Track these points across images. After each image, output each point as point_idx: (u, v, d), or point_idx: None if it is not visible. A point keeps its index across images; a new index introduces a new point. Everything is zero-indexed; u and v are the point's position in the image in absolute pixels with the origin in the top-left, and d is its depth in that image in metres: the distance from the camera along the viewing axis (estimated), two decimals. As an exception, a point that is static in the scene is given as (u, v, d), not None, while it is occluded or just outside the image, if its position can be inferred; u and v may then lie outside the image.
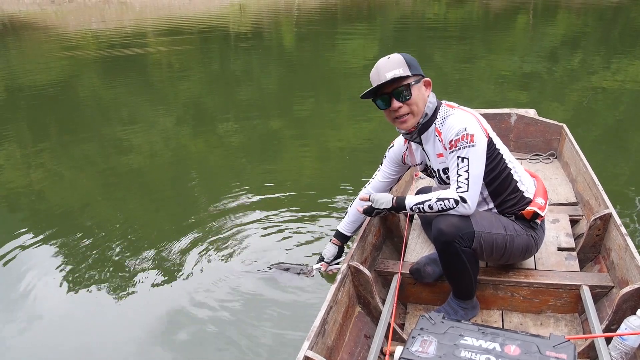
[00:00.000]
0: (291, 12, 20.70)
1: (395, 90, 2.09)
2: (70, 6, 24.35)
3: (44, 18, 20.93)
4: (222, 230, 3.79)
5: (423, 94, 2.14)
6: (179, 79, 9.88)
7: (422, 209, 2.12)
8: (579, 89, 7.58)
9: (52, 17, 21.35)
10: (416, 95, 2.11)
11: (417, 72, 2.11)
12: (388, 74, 2.07)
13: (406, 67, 2.08)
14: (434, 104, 2.17)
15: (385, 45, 13.06)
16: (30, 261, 3.55)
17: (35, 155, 5.78)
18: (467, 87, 8.02)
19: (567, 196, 3.21)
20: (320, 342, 1.95)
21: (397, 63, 2.08)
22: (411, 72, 2.09)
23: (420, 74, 2.13)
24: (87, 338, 2.79)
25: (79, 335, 2.82)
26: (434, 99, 2.18)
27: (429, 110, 2.16)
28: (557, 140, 3.86)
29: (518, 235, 2.20)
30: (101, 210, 4.34)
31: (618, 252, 2.34)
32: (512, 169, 2.21)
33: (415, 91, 2.11)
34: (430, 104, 2.16)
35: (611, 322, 2.06)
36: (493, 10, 19.32)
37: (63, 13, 22.31)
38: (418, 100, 2.12)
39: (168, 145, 6.06)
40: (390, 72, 2.07)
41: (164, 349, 2.67)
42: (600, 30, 13.31)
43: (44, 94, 8.63)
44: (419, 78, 2.13)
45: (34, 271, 3.42)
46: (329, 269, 2.67)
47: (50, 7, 24.09)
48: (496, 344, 1.76)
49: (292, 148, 5.74)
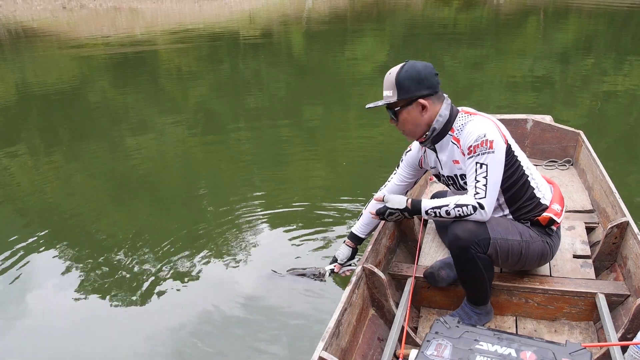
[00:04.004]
0: (301, 19, 20.78)
1: (388, 109, 2.18)
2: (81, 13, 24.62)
3: (55, 25, 21.15)
4: (233, 236, 3.80)
5: (414, 117, 2.15)
6: (189, 85, 9.94)
7: (438, 214, 2.12)
8: (591, 94, 7.54)
9: (63, 24, 21.57)
10: (404, 119, 2.16)
11: (407, 95, 2.11)
12: (384, 93, 2.15)
13: (395, 91, 2.11)
14: (445, 117, 2.15)
15: (395, 50, 13.08)
16: (38, 266, 3.57)
17: (45, 161, 5.82)
18: (478, 92, 8.01)
19: (583, 203, 3.19)
20: (335, 344, 1.95)
21: (389, 84, 2.13)
22: (399, 97, 2.11)
23: (413, 97, 2.11)
24: (94, 344, 2.78)
25: (86, 342, 2.81)
26: (446, 111, 2.15)
27: (438, 125, 2.15)
28: (574, 147, 3.83)
29: (533, 242, 2.19)
30: (110, 216, 4.35)
31: (635, 260, 2.32)
32: (530, 176, 2.20)
33: (404, 115, 2.15)
34: (441, 117, 2.14)
35: (627, 330, 2.05)
36: (503, 13, 19.29)
37: (74, 20, 22.54)
38: (406, 123, 2.16)
39: (178, 152, 6.09)
40: (385, 91, 2.15)
41: (178, 352, 2.68)
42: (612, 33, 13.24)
43: (55, 99, 8.71)
44: (410, 101, 2.12)
45: (41, 276, 3.44)
46: (342, 271, 2.69)
47: (62, 14, 24.35)
48: (512, 350, 1.76)
49: (302, 154, 5.74)
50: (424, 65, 2.12)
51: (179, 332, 2.81)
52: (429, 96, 2.12)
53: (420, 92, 2.10)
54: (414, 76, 2.09)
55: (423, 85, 2.10)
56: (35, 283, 3.39)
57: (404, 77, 2.09)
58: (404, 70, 2.10)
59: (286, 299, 2.98)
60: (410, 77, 2.09)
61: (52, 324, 2.98)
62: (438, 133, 2.17)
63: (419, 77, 2.09)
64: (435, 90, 2.13)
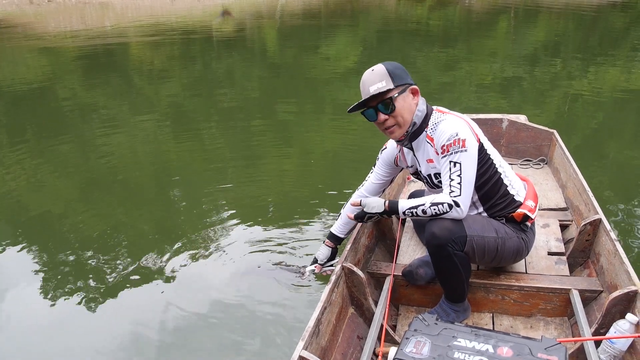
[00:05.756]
0: (274, 16, 20.66)
1: (380, 103, 2.11)
2: (49, 7, 23.93)
3: (22, 19, 20.56)
4: (207, 233, 3.77)
5: (409, 104, 2.15)
6: (161, 81, 9.80)
7: (415, 213, 2.13)
8: (560, 95, 7.69)
9: (30, 17, 20.98)
10: (401, 107, 2.12)
11: (401, 82, 2.11)
12: (372, 88, 2.09)
13: (389, 79, 2.09)
14: (423, 112, 2.17)
15: (368, 49, 13.11)
16: (6, 267, 3.48)
17: (12, 159, 5.63)
18: (449, 92, 8.09)
19: (557, 201, 3.26)
20: (315, 342, 1.96)
21: (380, 75, 2.10)
22: (394, 84, 2.09)
23: (405, 83, 2.13)
24: (66, 343, 2.75)
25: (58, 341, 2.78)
26: (423, 106, 2.18)
27: (417, 119, 2.16)
28: (548, 146, 3.90)
29: (509, 238, 2.23)
30: (80, 214, 4.26)
31: (607, 257, 2.38)
32: (502, 174, 2.23)
33: (400, 102, 2.12)
34: (420, 112, 2.16)
35: (600, 325, 2.10)
36: (475, 13, 19.54)
37: (42, 14, 21.92)
38: (403, 111, 2.13)
39: (149, 149, 5.99)
40: (374, 85, 2.09)
41: (153, 350, 2.64)
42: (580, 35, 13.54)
43: (22, 96, 8.47)
44: (404, 87, 2.12)
45: (10, 275, 3.37)
46: (322, 271, 2.68)
47: (28, 7, 23.64)
48: (489, 346, 1.78)
49: (276, 152, 5.72)
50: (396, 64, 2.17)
51: (153, 331, 2.78)
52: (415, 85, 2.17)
53: (409, 79, 2.15)
54: (399, 66, 2.14)
55: (407, 75, 2.15)
56: (3, 282, 3.30)
57: (392, 66, 2.12)
58: (388, 63, 2.13)
59: (265, 298, 2.97)
60: (397, 67, 2.14)
61: (22, 323, 2.92)
62: (415, 130, 2.19)
63: (403, 68, 2.15)
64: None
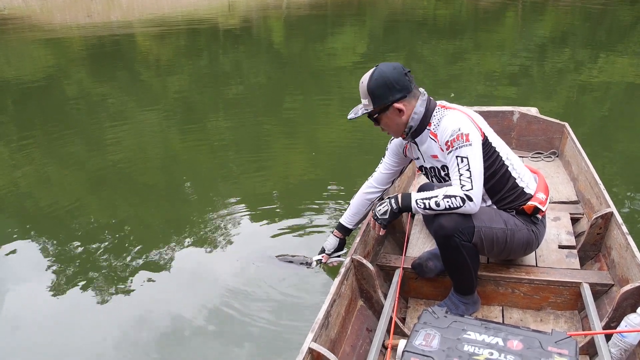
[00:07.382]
0: (280, 9, 20.60)
1: (368, 116, 2.24)
2: (55, 1, 23.96)
3: (29, 13, 20.61)
4: (215, 226, 3.78)
5: (394, 119, 2.20)
6: (167, 75, 9.79)
7: (428, 205, 2.13)
8: (568, 86, 7.64)
9: (37, 12, 21.03)
10: (385, 123, 2.24)
11: (381, 102, 2.15)
12: (362, 101, 2.22)
13: (369, 100, 2.17)
14: (421, 113, 2.18)
15: (375, 40, 13.06)
16: (15, 261, 3.50)
17: (20, 153, 5.65)
18: (456, 84, 8.04)
19: (568, 194, 3.24)
20: (324, 335, 1.97)
21: (363, 94, 2.18)
22: (374, 105, 2.17)
23: (386, 103, 2.15)
24: (73, 337, 2.76)
25: (64, 335, 2.78)
26: (421, 108, 2.18)
27: (414, 122, 2.19)
28: (559, 139, 3.87)
29: (519, 230, 2.22)
30: (88, 208, 4.27)
31: (619, 250, 2.36)
32: (510, 166, 2.22)
33: (384, 119, 2.22)
34: (416, 114, 2.18)
35: (611, 319, 2.09)
36: (482, 6, 19.39)
37: (48, 8, 21.94)
38: (388, 127, 2.25)
39: (157, 142, 5.99)
40: (362, 99, 2.20)
41: (162, 342, 2.66)
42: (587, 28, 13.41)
43: (30, 90, 8.50)
44: (386, 107, 2.16)
45: (18, 271, 3.37)
46: (329, 261, 2.69)
47: (35, 2, 23.69)
48: (499, 339, 1.77)
49: (283, 144, 5.72)
50: (393, 68, 2.15)
51: (162, 323, 2.79)
52: (403, 98, 2.15)
53: (393, 96, 2.14)
54: (383, 84, 2.13)
55: (394, 89, 2.13)
56: (11, 276, 3.32)
57: (374, 85, 2.13)
58: (374, 79, 2.14)
59: (274, 291, 2.97)
60: (380, 85, 2.13)
61: (28, 317, 2.93)
62: (416, 129, 2.21)
63: (389, 84, 2.13)
64: (408, 90, 2.16)
